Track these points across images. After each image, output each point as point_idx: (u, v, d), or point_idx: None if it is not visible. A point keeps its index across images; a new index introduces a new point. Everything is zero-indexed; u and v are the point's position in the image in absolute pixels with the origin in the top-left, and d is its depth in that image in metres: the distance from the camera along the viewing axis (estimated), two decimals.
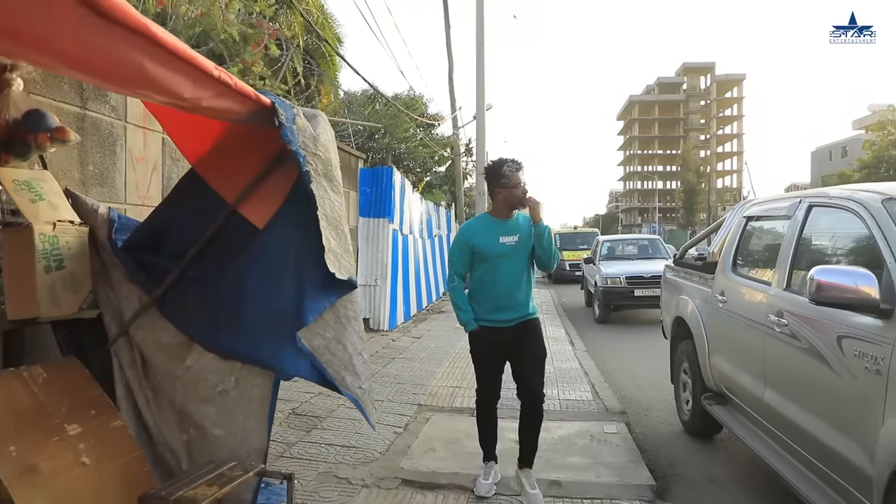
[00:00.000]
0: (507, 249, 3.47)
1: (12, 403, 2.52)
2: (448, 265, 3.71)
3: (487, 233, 3.51)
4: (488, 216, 3.63)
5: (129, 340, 2.97)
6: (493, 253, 3.47)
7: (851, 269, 2.50)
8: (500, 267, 3.47)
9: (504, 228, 3.51)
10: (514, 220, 3.57)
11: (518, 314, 3.50)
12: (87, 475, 2.56)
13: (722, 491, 3.86)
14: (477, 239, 3.51)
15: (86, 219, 2.94)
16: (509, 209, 3.53)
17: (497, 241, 3.47)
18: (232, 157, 2.77)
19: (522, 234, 3.51)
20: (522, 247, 3.52)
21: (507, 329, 3.48)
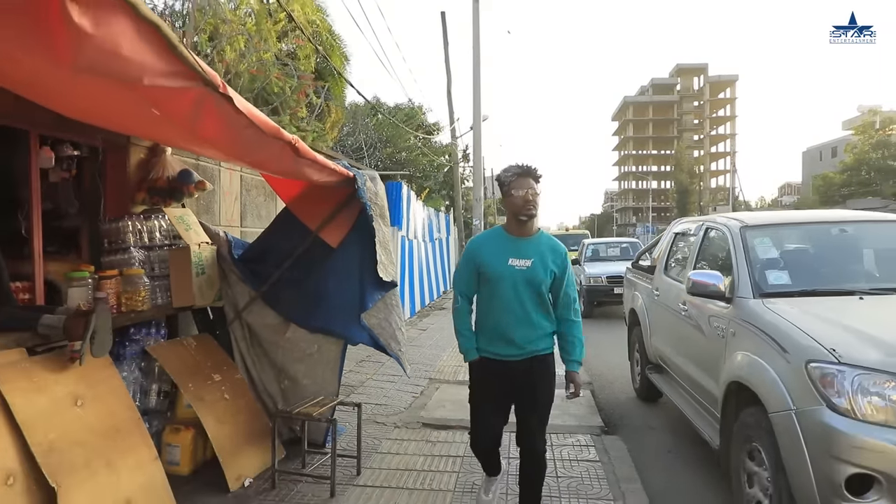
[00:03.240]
0: (514, 274, 2.94)
1: (183, 359, 3.98)
2: (453, 283, 3.32)
3: (496, 250, 3.01)
4: (501, 231, 3.11)
5: (242, 322, 4.42)
6: (497, 275, 2.96)
7: (711, 272, 3.97)
8: (505, 293, 2.95)
9: (516, 248, 2.98)
10: (530, 242, 3.01)
11: (525, 351, 3.00)
12: (228, 405, 4.02)
13: (654, 433, 5.31)
14: (483, 255, 3.04)
15: (213, 240, 4.38)
16: (518, 222, 3.00)
17: (504, 262, 2.95)
18: (314, 201, 4.22)
19: (538, 259, 2.96)
20: (536, 276, 2.94)
21: (513, 362, 3.01)
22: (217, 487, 3.71)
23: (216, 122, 2.15)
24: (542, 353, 3.08)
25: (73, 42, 1.40)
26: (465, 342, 3.14)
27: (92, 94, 2.02)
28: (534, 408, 3.12)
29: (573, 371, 3.13)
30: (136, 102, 2.00)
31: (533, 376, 3.07)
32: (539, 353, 3.06)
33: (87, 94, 2.06)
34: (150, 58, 1.58)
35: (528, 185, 2.96)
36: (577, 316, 3.14)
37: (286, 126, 6.74)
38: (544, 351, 3.09)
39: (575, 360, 3.14)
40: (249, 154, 2.90)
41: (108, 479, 2.96)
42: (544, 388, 3.13)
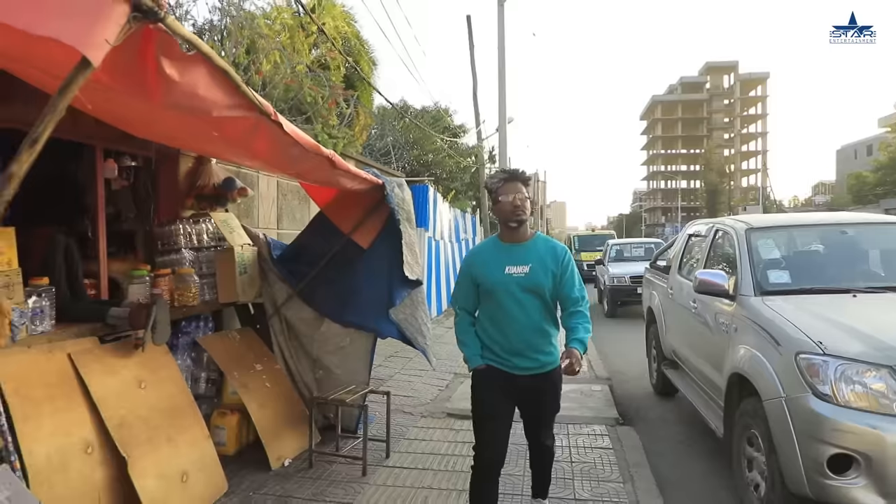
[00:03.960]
0: (513, 282, 2.83)
1: (228, 350, 4.38)
2: (453, 299, 3.18)
3: (491, 260, 2.91)
4: (496, 240, 3.02)
5: (280, 317, 4.80)
6: (495, 285, 2.86)
7: (716, 271, 4.23)
8: (506, 303, 2.85)
9: (512, 256, 2.88)
10: (526, 247, 2.90)
11: (533, 364, 2.90)
12: (269, 392, 4.41)
13: (667, 425, 5.57)
14: (479, 267, 2.94)
15: (254, 241, 4.78)
16: (508, 229, 2.92)
17: (501, 271, 2.85)
18: (346, 206, 4.58)
19: (537, 264, 2.85)
20: (536, 281, 2.83)
21: (520, 377, 2.91)
22: (260, 466, 4.10)
23: (267, 142, 2.52)
24: (550, 370, 2.95)
25: (164, 87, 1.76)
26: (468, 350, 3.00)
27: (168, 122, 2.41)
28: (541, 419, 3.12)
29: (574, 348, 2.82)
30: (202, 127, 2.38)
31: (540, 394, 3.00)
32: (547, 368, 2.94)
33: (164, 122, 2.45)
34: (220, 95, 1.94)
35: (516, 190, 2.86)
36: (586, 309, 2.99)
37: (318, 134, 7.14)
38: (552, 366, 2.95)
39: (577, 340, 2.88)
40: (292, 166, 3.27)
41: (168, 452, 3.36)
42: (552, 399, 3.08)
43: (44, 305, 3.08)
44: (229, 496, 3.69)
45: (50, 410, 2.88)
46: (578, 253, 23.76)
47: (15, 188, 1.48)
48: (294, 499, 3.69)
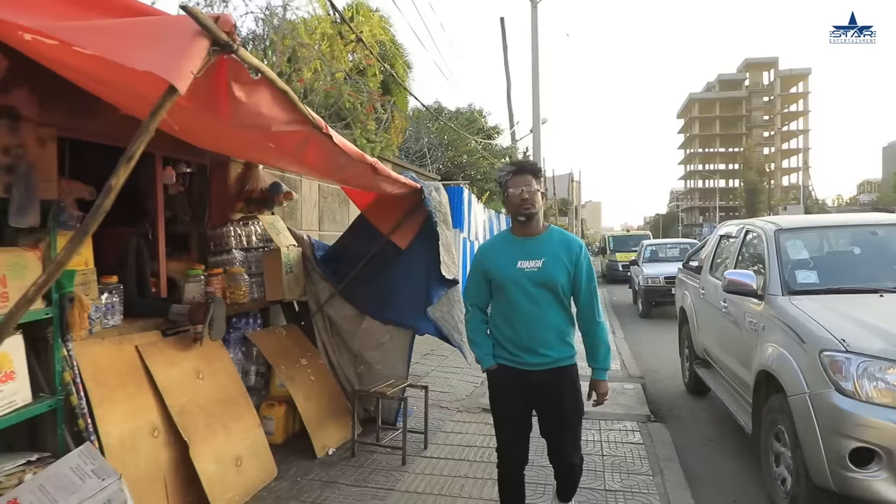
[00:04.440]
0: (525, 276, 2.77)
1: (276, 345, 4.65)
2: (464, 295, 3.15)
3: (503, 254, 2.85)
4: (507, 233, 2.97)
5: (323, 314, 5.06)
6: (507, 280, 2.79)
7: (745, 271, 4.34)
8: (518, 298, 2.78)
9: (524, 250, 2.81)
10: (540, 240, 2.84)
11: (545, 360, 2.80)
12: (314, 385, 4.66)
13: (698, 423, 5.66)
14: (490, 262, 2.88)
15: (298, 242, 5.04)
16: (519, 223, 2.85)
17: (513, 266, 2.79)
18: (386, 208, 4.81)
19: (550, 258, 2.78)
20: (550, 275, 2.76)
21: (532, 373, 2.82)
22: (305, 454, 4.35)
23: (318, 152, 2.75)
24: (566, 364, 2.85)
25: (232, 107, 2.00)
26: (480, 350, 2.95)
27: (232, 136, 2.66)
28: (562, 427, 2.90)
29: (599, 379, 2.92)
30: (260, 140, 2.63)
31: (557, 388, 2.84)
32: (560, 363, 2.83)
33: (228, 136, 2.71)
34: (279, 113, 2.17)
35: (525, 183, 2.78)
36: (600, 316, 2.91)
37: (357, 139, 7.41)
38: (568, 361, 2.85)
39: (601, 368, 2.92)
40: (339, 173, 3.51)
41: (224, 438, 3.63)
42: (572, 399, 2.88)
43: (114, 301, 3.37)
44: (279, 481, 3.95)
45: (121, 396, 3.17)
46: (613, 253, 23.70)
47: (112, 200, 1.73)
48: (339, 484, 3.93)
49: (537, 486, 3.87)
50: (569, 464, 2.97)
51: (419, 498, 3.74)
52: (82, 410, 2.90)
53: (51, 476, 2.48)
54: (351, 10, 14.05)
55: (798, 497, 3.39)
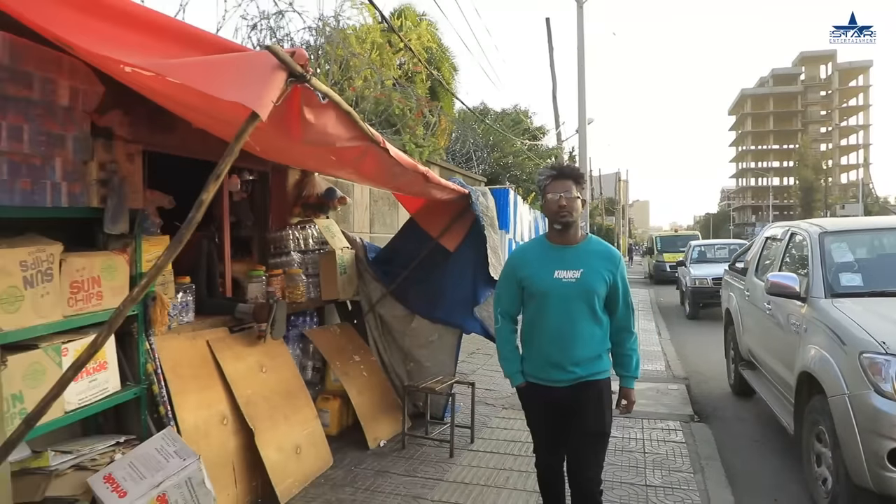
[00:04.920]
0: (563, 287, 2.64)
1: (331, 342, 4.93)
2: (494, 302, 2.98)
3: (540, 262, 2.73)
4: (544, 240, 2.82)
5: (375, 314, 5.31)
6: (543, 290, 2.68)
7: (788, 274, 4.39)
8: (551, 310, 2.66)
9: (562, 259, 2.69)
10: (578, 250, 2.71)
11: (574, 375, 2.69)
12: (366, 381, 4.92)
13: (742, 424, 5.70)
14: (525, 269, 2.76)
15: (351, 245, 5.31)
16: (555, 231, 2.74)
17: (550, 275, 2.66)
18: (435, 213, 5.03)
19: (589, 268, 2.66)
20: (588, 288, 2.64)
21: (561, 390, 2.72)
22: (358, 446, 4.61)
23: (374, 164, 2.99)
24: (595, 379, 2.73)
25: (303, 127, 2.24)
26: (509, 366, 2.86)
27: (299, 151, 2.93)
28: (582, 441, 2.75)
29: (627, 387, 2.85)
30: (323, 154, 2.88)
31: (585, 402, 2.72)
32: (590, 378, 2.71)
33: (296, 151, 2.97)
34: (343, 131, 2.40)
35: (564, 188, 2.65)
36: (633, 328, 2.83)
37: (406, 144, 7.66)
38: (597, 376, 2.73)
39: (630, 376, 2.84)
40: (393, 181, 3.75)
41: (285, 428, 3.91)
42: (597, 415, 2.72)
43: (188, 300, 3.69)
44: (334, 469, 4.21)
45: (195, 387, 3.47)
46: (661, 254, 23.40)
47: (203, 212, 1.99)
48: (390, 473, 4.16)
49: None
50: (582, 480, 2.73)
51: (466, 488, 3.95)
52: (163, 398, 3.21)
53: (139, 455, 2.78)
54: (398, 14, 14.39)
55: (838, 496, 3.47)
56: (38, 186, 2.53)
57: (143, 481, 2.66)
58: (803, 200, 63.19)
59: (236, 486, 3.55)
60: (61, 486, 2.63)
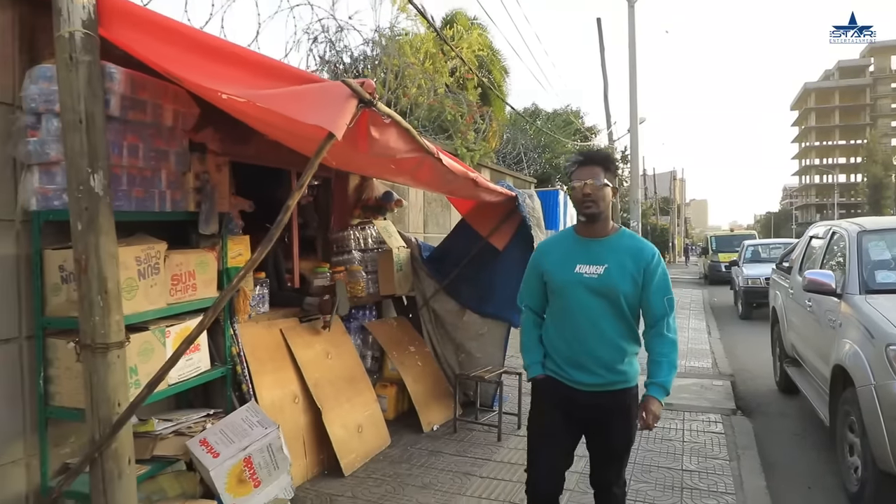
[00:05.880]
0: (583, 283, 2.46)
1: (388, 333, 5.35)
2: (519, 295, 2.84)
3: (563, 255, 2.56)
4: (571, 232, 2.65)
5: (429, 308, 5.70)
6: (562, 285, 2.52)
7: (824, 271, 4.56)
8: (572, 307, 2.49)
9: (586, 252, 2.51)
10: (605, 243, 2.52)
11: (598, 379, 2.49)
12: (421, 370, 5.32)
13: (785, 419, 5.84)
14: (548, 262, 2.61)
15: (407, 244, 5.71)
16: (582, 222, 2.57)
17: (570, 270, 2.49)
18: (484, 214, 5.38)
19: (615, 264, 2.46)
20: (610, 285, 2.44)
21: (582, 394, 2.51)
22: (413, 429, 5.01)
23: (430, 172, 3.37)
24: (621, 388, 2.52)
25: (369, 143, 2.63)
26: (528, 356, 2.67)
27: (364, 161, 3.34)
28: (608, 457, 2.62)
29: (653, 396, 2.46)
30: (385, 164, 3.28)
31: (605, 416, 2.52)
32: (617, 386, 2.51)
33: (361, 162, 3.39)
34: (403, 145, 2.79)
35: (590, 175, 2.45)
36: (670, 331, 2.50)
37: (458, 148, 8.03)
38: (623, 384, 2.52)
39: (657, 384, 2.47)
40: (445, 187, 4.13)
41: (348, 409, 4.34)
42: (622, 428, 2.54)
43: (264, 293, 4.15)
44: (391, 448, 4.62)
45: (271, 369, 3.93)
46: (716, 254, 23.10)
47: (288, 216, 2.40)
48: (443, 454, 4.54)
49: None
50: (607, 492, 2.65)
51: (512, 467, 4.28)
52: (244, 377, 3.67)
53: (227, 424, 3.23)
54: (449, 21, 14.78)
55: (866, 482, 3.66)
56: (149, 194, 3.00)
57: (232, 445, 3.11)
58: (871, 198, 60.55)
59: (306, 457, 3.99)
60: (165, 447, 3.10)
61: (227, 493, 3.03)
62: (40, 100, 2.68)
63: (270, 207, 5.06)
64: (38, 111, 2.70)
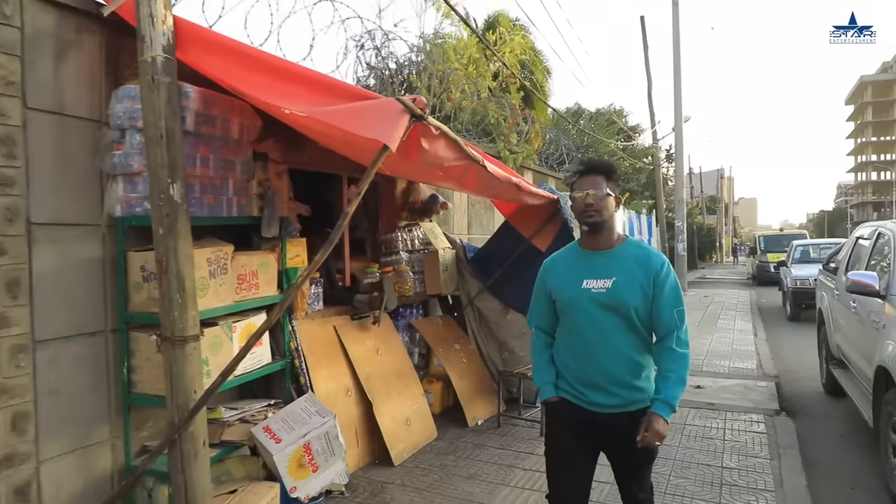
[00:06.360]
0: (591, 299, 2.36)
1: (435, 331, 5.56)
2: (528, 315, 2.74)
3: (568, 271, 2.47)
4: (576, 246, 2.57)
5: (473, 307, 5.90)
6: (569, 302, 2.41)
7: (868, 272, 4.58)
8: (582, 325, 2.39)
9: (591, 266, 2.41)
10: (611, 255, 2.42)
11: (616, 399, 2.38)
12: (466, 367, 5.52)
13: (830, 420, 5.82)
14: (553, 279, 2.52)
15: (452, 245, 5.92)
16: (585, 234, 2.49)
17: (577, 285, 2.39)
18: (527, 216, 5.54)
19: (623, 277, 2.35)
20: (620, 298, 2.33)
21: (600, 416, 2.39)
22: (458, 423, 5.21)
23: (475, 178, 3.56)
24: (638, 407, 2.38)
25: (420, 153, 2.84)
26: (540, 376, 2.56)
27: (414, 169, 3.56)
28: (630, 471, 2.52)
29: (657, 414, 2.30)
30: (433, 171, 3.49)
31: (624, 439, 2.36)
32: (636, 406, 2.38)
33: (411, 169, 3.61)
34: (450, 154, 2.99)
35: (592, 185, 2.36)
36: (680, 345, 2.36)
37: (501, 151, 8.20)
38: (642, 403, 2.38)
39: (662, 401, 2.32)
40: (490, 191, 4.33)
41: (397, 402, 4.57)
42: (641, 450, 2.37)
43: (318, 292, 4.42)
44: (438, 441, 4.83)
45: (325, 363, 4.19)
46: (764, 254, 22.61)
47: (347, 221, 2.62)
48: (487, 447, 4.73)
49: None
50: (633, 495, 2.55)
51: None
52: (302, 370, 3.93)
53: (288, 412, 3.49)
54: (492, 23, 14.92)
55: None
56: (218, 201, 3.28)
57: (293, 432, 3.36)
58: None
59: (358, 446, 4.23)
60: (232, 433, 3.37)
61: (288, 476, 3.29)
62: (125, 117, 2.97)
63: (322, 210, 5.35)
64: (122, 127, 2.99)
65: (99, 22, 3.04)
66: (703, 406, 5.88)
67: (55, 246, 2.90)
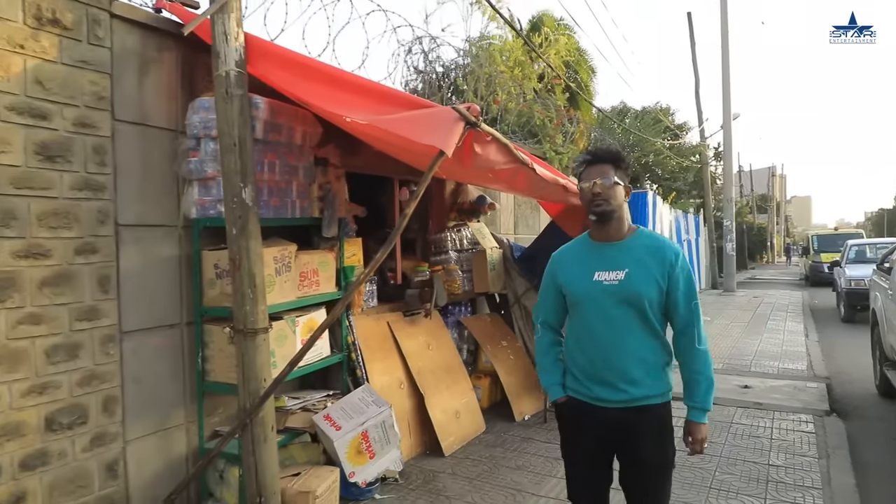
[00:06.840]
0: (603, 291, 2.28)
1: (483, 328, 5.72)
2: (533, 309, 2.72)
3: (578, 263, 2.39)
4: (586, 238, 2.47)
5: (520, 305, 6.03)
6: (581, 295, 2.33)
7: None
8: (592, 319, 2.31)
9: (602, 258, 2.33)
10: (622, 246, 2.33)
11: (622, 396, 2.28)
12: (513, 363, 5.66)
13: (882, 423, 5.74)
14: (563, 272, 2.44)
15: (499, 244, 6.06)
16: (594, 225, 2.39)
17: (589, 278, 2.31)
18: (573, 216, 5.64)
19: (636, 268, 2.27)
20: (633, 290, 2.25)
21: (610, 411, 2.30)
22: (506, 418, 5.35)
23: (524, 180, 3.71)
24: (651, 404, 2.29)
25: (473, 158, 3.00)
26: (546, 377, 2.50)
27: (467, 172, 3.74)
28: (639, 479, 2.36)
29: (694, 421, 2.30)
30: (484, 174, 3.65)
31: (634, 434, 2.29)
32: (646, 402, 2.28)
33: (464, 173, 3.79)
34: (501, 158, 3.14)
35: (599, 174, 2.29)
36: (701, 343, 2.30)
37: (546, 152, 8.31)
38: (653, 399, 2.29)
39: (696, 408, 2.31)
40: (537, 192, 4.46)
41: (447, 395, 4.74)
42: (657, 445, 2.31)
43: (373, 289, 4.63)
44: (486, 434, 4.99)
45: (380, 357, 4.39)
46: (818, 254, 22.00)
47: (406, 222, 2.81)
48: (534, 440, 4.87)
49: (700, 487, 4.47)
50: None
51: None
52: (358, 363, 4.14)
53: (347, 402, 3.71)
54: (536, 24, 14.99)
55: None
56: (283, 203, 3.51)
57: (352, 420, 3.57)
58: None
59: (410, 437, 4.43)
60: (295, 420, 3.61)
61: (347, 461, 3.50)
62: (200, 126, 3.23)
63: (374, 212, 5.57)
64: (198, 136, 3.25)
65: (176, 39, 3.30)
66: (750, 405, 5.89)
67: (139, 245, 3.17)
